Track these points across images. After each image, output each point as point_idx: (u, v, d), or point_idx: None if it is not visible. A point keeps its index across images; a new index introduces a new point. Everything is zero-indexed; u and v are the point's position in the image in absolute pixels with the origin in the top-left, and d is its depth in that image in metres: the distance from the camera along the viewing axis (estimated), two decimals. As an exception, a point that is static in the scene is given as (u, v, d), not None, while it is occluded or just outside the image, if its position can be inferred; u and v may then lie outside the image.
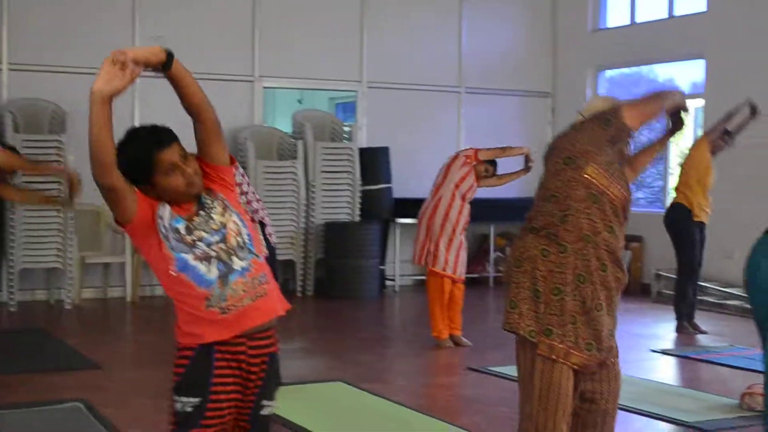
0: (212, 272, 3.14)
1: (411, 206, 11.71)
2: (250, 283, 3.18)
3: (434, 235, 8.28)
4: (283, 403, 6.08)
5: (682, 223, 9.22)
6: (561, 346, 3.82)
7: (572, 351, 3.82)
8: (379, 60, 12.74)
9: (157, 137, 3.18)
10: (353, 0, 12.58)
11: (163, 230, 3.15)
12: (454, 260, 8.29)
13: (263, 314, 3.23)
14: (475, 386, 7.07)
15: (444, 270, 8.26)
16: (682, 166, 9.36)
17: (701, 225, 9.18)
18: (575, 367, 3.84)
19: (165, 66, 3.05)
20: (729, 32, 11.54)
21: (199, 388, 3.16)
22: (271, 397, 3.29)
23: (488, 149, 8.50)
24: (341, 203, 11.99)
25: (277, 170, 11.49)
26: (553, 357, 3.82)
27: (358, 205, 11.99)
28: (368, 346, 8.56)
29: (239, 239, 3.21)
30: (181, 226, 3.15)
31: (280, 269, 11.74)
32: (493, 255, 12.99)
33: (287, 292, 11.54)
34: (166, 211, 3.16)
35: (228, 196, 3.27)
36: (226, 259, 3.16)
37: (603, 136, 3.89)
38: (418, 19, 12.97)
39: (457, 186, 8.30)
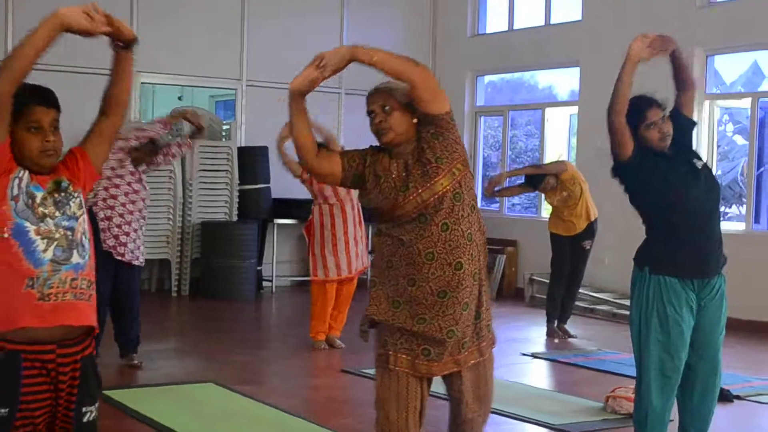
0: (48, 253, 3.02)
1: (289, 207, 11.69)
2: (78, 280, 3.07)
3: (329, 241, 8.31)
4: (152, 404, 6.04)
5: (550, 232, 9.49)
6: (395, 355, 3.85)
7: (407, 358, 3.85)
8: (260, 58, 12.66)
9: (43, 95, 3.13)
10: (235, -2, 12.50)
11: (16, 189, 3.02)
12: (347, 259, 8.32)
13: (79, 317, 3.09)
14: (347, 388, 7.09)
15: (339, 275, 8.31)
16: None
17: (573, 237, 9.35)
18: (414, 373, 3.87)
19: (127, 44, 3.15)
20: (603, 40, 11.79)
21: (7, 398, 3.00)
22: (91, 402, 3.16)
23: None
24: (218, 202, 11.88)
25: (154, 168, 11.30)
26: (390, 367, 3.86)
27: (236, 205, 11.89)
28: (242, 347, 8.49)
29: (83, 238, 3.12)
30: (39, 195, 3.04)
31: (156, 268, 11.59)
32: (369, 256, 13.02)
33: (162, 291, 11.39)
34: (25, 174, 3.06)
35: (84, 200, 3.19)
36: (66, 248, 3.06)
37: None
38: (300, 19, 12.94)
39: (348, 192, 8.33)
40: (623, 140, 4.49)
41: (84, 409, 3.13)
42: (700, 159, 4.62)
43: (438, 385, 3.98)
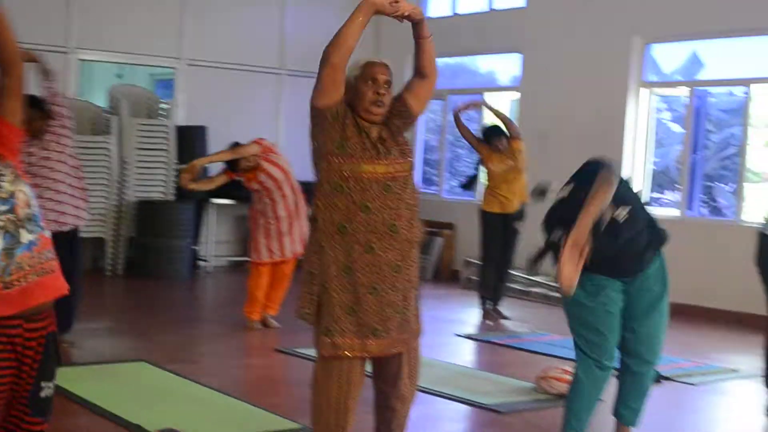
0: None
1: (227, 187, 11.59)
2: (36, 257, 3.00)
3: (274, 224, 8.28)
4: (83, 384, 5.98)
5: (480, 212, 9.54)
6: (342, 340, 3.87)
7: (356, 341, 3.87)
8: (200, 37, 12.56)
9: None
10: (174, -26, 12.37)
11: None
12: (290, 241, 8.31)
13: (48, 292, 3.05)
14: (281, 367, 7.09)
15: (282, 255, 8.30)
16: None
17: (506, 215, 9.42)
18: (361, 354, 3.89)
19: None
20: (545, 28, 11.87)
21: None
22: (50, 378, 3.12)
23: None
24: (155, 181, 11.78)
25: (90, 145, 11.19)
26: (339, 354, 3.88)
27: (173, 184, 11.80)
28: (176, 326, 8.45)
29: (28, 211, 3.01)
30: None
31: (90, 247, 11.46)
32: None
33: (96, 270, 11.28)
34: None
35: (17, 165, 3.06)
36: (14, 231, 2.97)
37: (316, 129, 3.92)
38: (240, -3, 12.87)
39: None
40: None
41: (42, 384, 3.09)
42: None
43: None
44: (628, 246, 4.57)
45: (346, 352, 3.87)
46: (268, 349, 7.60)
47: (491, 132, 9.49)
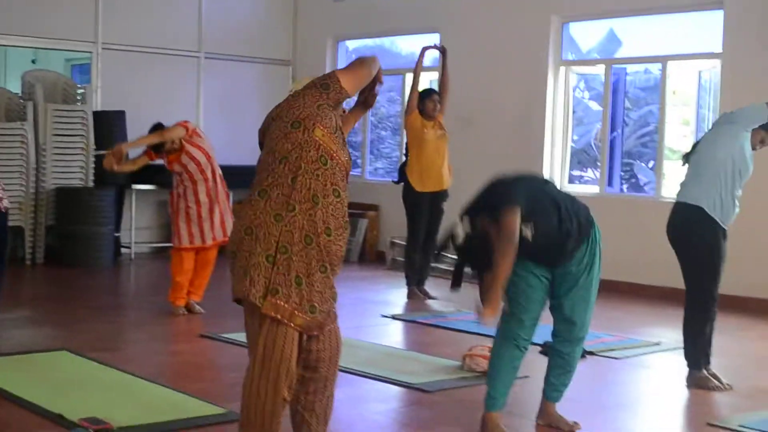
0: None
1: (148, 172, 11.44)
2: None
3: (194, 209, 8.21)
4: (3, 374, 5.86)
5: (406, 193, 9.53)
6: (286, 305, 3.83)
7: (296, 312, 3.84)
8: (116, 21, 12.35)
9: None
10: (88, -43, 12.15)
11: None
12: (210, 227, 8.22)
13: None
14: (205, 353, 7.03)
15: (204, 241, 8.23)
16: (407, 138, 9.67)
17: (431, 194, 9.43)
18: (299, 329, 3.86)
19: None
20: (463, 6, 11.89)
21: None
22: None
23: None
24: (74, 168, 11.57)
25: (5, 132, 10.96)
26: (279, 317, 3.82)
27: (92, 171, 11.60)
28: (99, 314, 8.31)
29: None
30: None
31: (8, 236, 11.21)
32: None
33: (15, 260, 11.06)
34: None
35: None
36: None
37: (325, 101, 3.95)
38: (156, -20, 12.69)
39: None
40: None
41: None
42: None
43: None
44: (543, 245, 4.74)
45: (285, 318, 3.83)
46: (193, 335, 7.53)
47: (429, 91, 9.53)
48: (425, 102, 9.40)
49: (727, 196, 6.02)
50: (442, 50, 9.72)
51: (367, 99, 4.28)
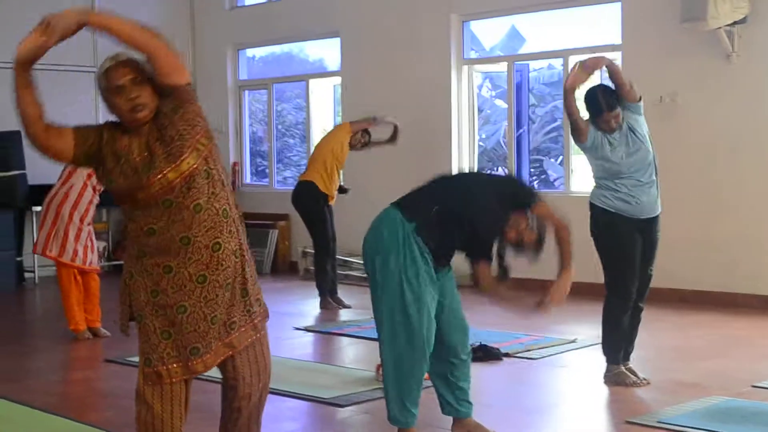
0: None
1: (47, 193, 11.08)
2: None
3: (62, 224, 7.86)
4: None
5: (311, 201, 9.36)
6: (164, 368, 3.67)
7: (177, 366, 3.68)
8: (5, 38, 11.94)
9: None
10: (-27, -28, 11.75)
11: None
12: (83, 251, 7.91)
13: None
14: (111, 379, 6.75)
15: (73, 261, 7.87)
16: (320, 145, 9.51)
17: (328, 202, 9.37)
18: (184, 378, 3.70)
19: None
20: (362, 8, 11.77)
21: None
22: None
23: None
24: (-30, 192, 11.18)
25: None
26: (163, 383, 3.70)
27: (-11, 193, 11.22)
28: (-1, 343, 8.00)
29: None
30: None
31: None
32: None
33: None
34: None
35: None
36: None
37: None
38: (48, -7, 12.32)
39: (90, 176, 7.90)
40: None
41: None
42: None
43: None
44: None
45: (172, 380, 3.67)
46: (97, 360, 7.27)
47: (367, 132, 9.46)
48: (362, 133, 9.44)
49: (621, 189, 5.93)
50: (395, 130, 9.68)
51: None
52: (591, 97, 5.95)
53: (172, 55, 3.51)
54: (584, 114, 6.02)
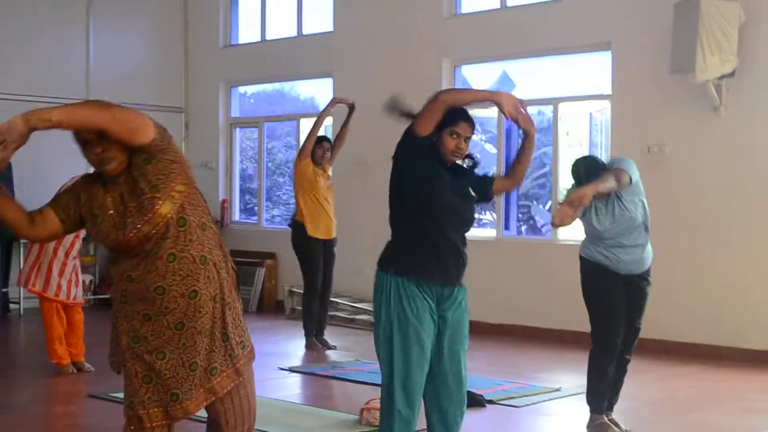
0: None
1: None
2: None
3: (46, 258, 7.86)
4: None
5: (300, 240, 9.38)
6: (145, 412, 3.68)
7: (157, 410, 3.69)
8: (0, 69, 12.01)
9: None
10: (-31, 4, 11.81)
11: None
12: (67, 285, 7.89)
13: None
14: (93, 414, 6.72)
15: (56, 295, 7.86)
16: (293, 184, 9.52)
17: (325, 241, 9.31)
18: (166, 422, 3.71)
19: None
20: (355, 51, 11.85)
21: None
22: None
23: None
24: (-43, 223, 11.13)
25: None
26: (146, 428, 3.70)
27: (-23, 225, 11.18)
28: (-20, 376, 7.95)
29: None
30: None
31: None
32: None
33: None
34: None
35: None
36: None
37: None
38: (42, 26, 12.39)
39: None
40: (431, 121, 4.39)
41: None
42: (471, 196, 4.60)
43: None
44: (455, 233, 4.52)
45: (153, 424, 3.68)
46: (80, 395, 7.24)
47: (322, 138, 9.41)
48: (315, 149, 9.29)
49: (601, 246, 5.97)
50: (351, 106, 9.57)
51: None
52: (575, 168, 6.05)
53: (126, 121, 3.49)
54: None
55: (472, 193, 4.54)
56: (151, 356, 3.65)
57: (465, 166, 4.60)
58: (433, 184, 4.39)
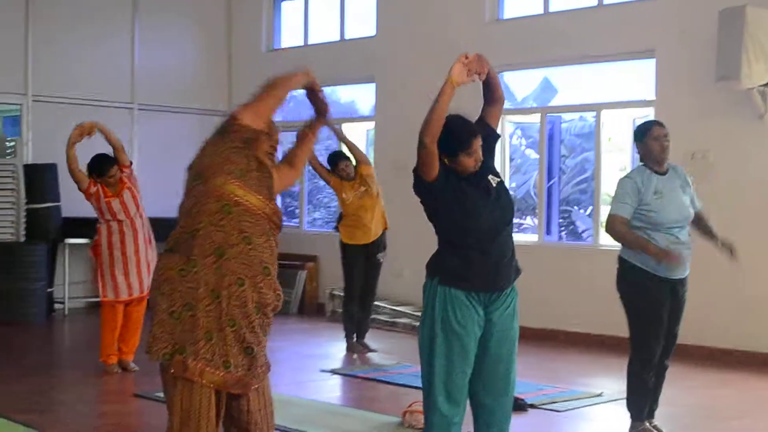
0: None
1: (81, 226, 11.22)
2: None
3: (107, 263, 8.03)
4: None
5: (339, 246, 9.48)
6: (195, 363, 3.71)
7: (207, 369, 3.73)
8: (46, 72, 12.17)
9: None
10: (18, 6, 11.97)
11: None
12: (137, 279, 8.00)
13: None
14: (139, 413, 6.82)
15: (130, 295, 8.02)
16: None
17: (363, 246, 9.36)
18: (212, 386, 3.74)
19: None
20: (397, 56, 11.90)
21: None
22: None
23: None
24: (5, 223, 11.34)
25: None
26: (188, 376, 3.71)
27: (23, 225, 11.36)
28: (29, 374, 8.06)
29: None
30: None
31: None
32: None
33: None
34: None
35: None
36: None
37: (227, 145, 3.82)
38: (89, 31, 12.55)
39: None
40: (432, 164, 4.37)
41: None
42: (497, 175, 4.58)
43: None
44: (500, 239, 4.50)
45: (195, 376, 3.71)
46: (126, 394, 7.33)
47: (334, 157, 9.42)
48: (336, 168, 9.33)
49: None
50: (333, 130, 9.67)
51: (317, 107, 4.21)
52: None
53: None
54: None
55: (495, 180, 4.49)
56: (226, 319, 3.79)
57: None
58: (467, 209, 4.39)
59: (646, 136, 5.99)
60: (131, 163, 8.20)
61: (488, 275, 4.41)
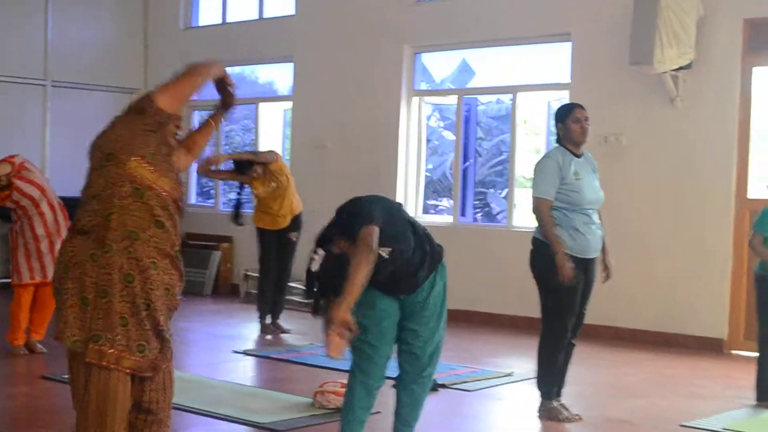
0: None
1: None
2: None
3: (33, 244, 7.90)
4: None
5: (256, 228, 9.46)
6: (111, 350, 3.65)
7: (124, 354, 3.67)
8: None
9: None
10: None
11: None
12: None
13: None
14: (48, 396, 6.69)
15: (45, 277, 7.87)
16: None
17: (279, 231, 9.34)
18: (128, 371, 3.70)
19: None
20: (316, 35, 11.84)
21: None
22: None
23: None
24: None
25: None
26: (104, 363, 3.65)
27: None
28: (-70, 357, 7.89)
29: None
30: None
31: None
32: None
33: None
34: None
35: None
36: None
37: (141, 126, 3.76)
38: (1, 6, 12.25)
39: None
40: None
41: None
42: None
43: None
44: (398, 271, 4.62)
45: (112, 363, 3.66)
46: (34, 376, 7.20)
47: (240, 168, 9.36)
48: (247, 173, 9.27)
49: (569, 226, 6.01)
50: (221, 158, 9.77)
51: (225, 100, 4.16)
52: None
53: None
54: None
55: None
56: (140, 301, 3.76)
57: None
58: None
59: (567, 117, 6.07)
60: (12, 162, 7.91)
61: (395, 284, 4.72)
